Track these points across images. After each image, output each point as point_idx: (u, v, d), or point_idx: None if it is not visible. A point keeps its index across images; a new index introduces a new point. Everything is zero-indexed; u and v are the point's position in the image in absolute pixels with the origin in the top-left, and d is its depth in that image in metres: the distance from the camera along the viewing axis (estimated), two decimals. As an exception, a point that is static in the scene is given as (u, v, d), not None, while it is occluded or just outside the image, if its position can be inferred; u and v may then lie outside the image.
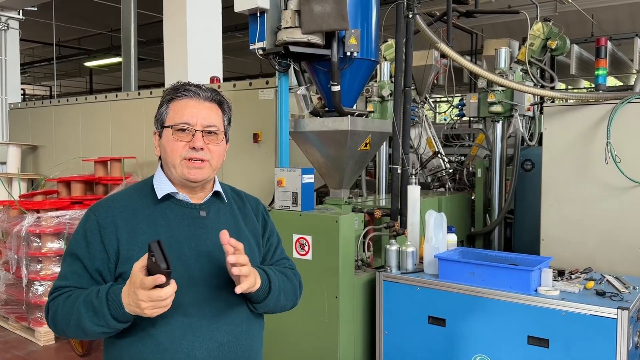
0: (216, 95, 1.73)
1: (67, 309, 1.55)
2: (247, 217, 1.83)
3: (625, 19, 10.66)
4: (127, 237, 1.61)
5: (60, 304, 1.57)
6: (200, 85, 1.72)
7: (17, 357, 4.77)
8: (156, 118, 1.71)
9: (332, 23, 3.27)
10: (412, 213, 3.63)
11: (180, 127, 1.64)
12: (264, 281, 1.66)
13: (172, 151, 1.66)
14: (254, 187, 4.45)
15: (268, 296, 1.69)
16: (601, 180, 3.60)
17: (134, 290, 1.42)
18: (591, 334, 2.71)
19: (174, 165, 1.66)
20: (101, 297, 1.50)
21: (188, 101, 1.68)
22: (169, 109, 1.68)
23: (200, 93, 1.69)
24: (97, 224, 1.62)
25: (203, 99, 1.69)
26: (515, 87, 3.91)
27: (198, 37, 6.11)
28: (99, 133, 6.40)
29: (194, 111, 1.66)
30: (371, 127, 3.66)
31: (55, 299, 1.60)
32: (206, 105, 1.69)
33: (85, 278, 1.61)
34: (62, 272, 1.64)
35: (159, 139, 1.71)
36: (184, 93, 1.68)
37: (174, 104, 1.68)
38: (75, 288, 1.59)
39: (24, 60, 15.14)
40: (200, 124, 1.65)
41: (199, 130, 1.65)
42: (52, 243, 5.01)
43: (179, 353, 1.58)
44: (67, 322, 1.55)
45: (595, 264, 3.49)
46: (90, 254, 1.61)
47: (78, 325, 1.52)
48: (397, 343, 3.35)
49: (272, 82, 4.52)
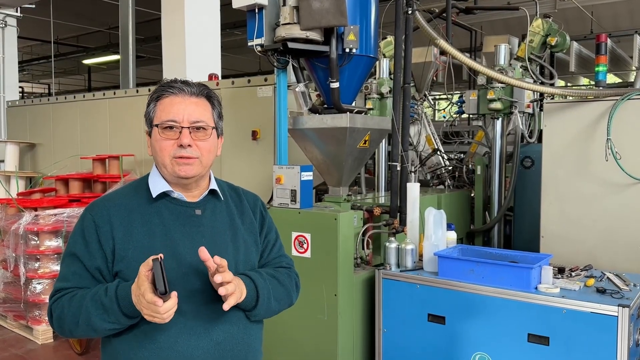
0: (204, 89, 1.70)
1: (74, 310, 1.55)
2: (244, 215, 1.81)
3: (624, 15, 10.65)
4: (122, 236, 1.60)
5: (66, 306, 1.57)
6: (187, 80, 1.69)
7: (15, 355, 4.75)
8: (145, 117, 1.69)
9: (330, 19, 3.25)
10: (412, 210, 3.62)
11: (166, 125, 1.62)
12: (251, 291, 1.64)
13: (160, 150, 1.64)
14: (253, 185, 4.43)
15: (257, 305, 1.67)
16: (601, 177, 3.58)
17: (138, 294, 1.45)
18: (592, 331, 2.69)
19: (163, 164, 1.65)
20: (110, 295, 1.51)
21: (174, 98, 1.65)
22: (156, 107, 1.66)
23: (186, 89, 1.66)
24: (94, 223, 1.62)
25: (189, 94, 1.66)
26: (515, 83, 3.90)
27: (196, 35, 6.09)
28: (97, 131, 6.38)
29: (180, 107, 1.63)
30: (370, 124, 3.64)
31: (58, 300, 1.60)
32: (193, 101, 1.66)
33: (86, 278, 1.60)
34: (62, 273, 1.64)
35: (150, 138, 1.69)
36: (169, 90, 1.66)
37: (160, 102, 1.66)
38: (77, 289, 1.59)
39: (22, 58, 15.13)
40: (187, 120, 1.63)
41: (186, 127, 1.62)
42: (50, 241, 4.99)
43: (174, 352, 1.57)
44: (75, 323, 1.55)
45: (595, 261, 3.48)
46: (90, 253, 1.60)
47: (88, 324, 1.53)
48: (397, 341, 3.34)
49: (270, 79, 4.51)
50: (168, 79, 1.71)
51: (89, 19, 12.83)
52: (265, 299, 1.68)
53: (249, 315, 1.70)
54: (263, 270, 1.77)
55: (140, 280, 1.43)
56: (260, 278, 1.70)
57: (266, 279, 1.72)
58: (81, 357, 4.68)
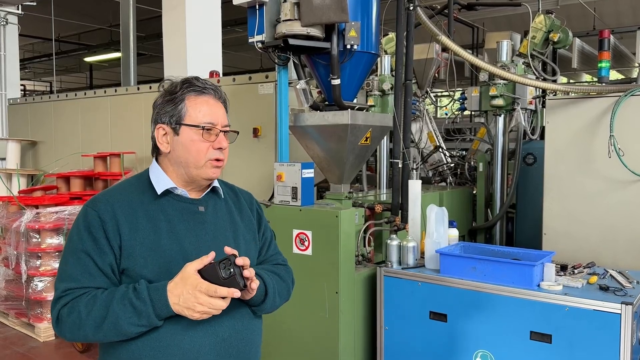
0: (223, 93, 1.73)
1: (97, 313, 1.48)
2: (242, 212, 1.82)
3: (627, 12, 10.61)
4: (128, 233, 1.57)
5: (83, 310, 1.49)
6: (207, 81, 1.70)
7: (17, 353, 4.76)
8: (168, 112, 1.64)
9: (331, 15, 3.23)
10: (413, 208, 3.60)
11: (208, 127, 1.63)
12: (261, 286, 1.66)
13: (198, 152, 1.63)
14: (254, 182, 4.43)
15: (265, 300, 1.70)
16: (604, 174, 3.56)
17: (194, 293, 1.45)
18: (595, 329, 2.68)
19: (197, 165, 1.64)
20: (144, 297, 1.48)
21: (209, 99, 1.66)
22: (187, 105, 1.63)
23: (216, 91, 1.68)
24: (99, 219, 1.56)
25: (218, 97, 1.69)
26: (518, 79, 3.87)
27: (197, 32, 6.09)
28: (99, 128, 6.38)
29: (214, 110, 1.65)
30: (372, 121, 3.63)
31: (71, 303, 1.51)
32: (220, 105, 1.69)
33: (99, 276, 1.54)
34: (68, 273, 1.55)
35: (175, 136, 1.64)
36: (204, 91, 1.65)
37: (192, 101, 1.64)
38: (90, 289, 1.52)
39: (24, 55, 15.14)
40: (221, 123, 1.66)
41: (221, 130, 1.65)
42: (52, 239, 4.99)
43: (180, 349, 1.56)
44: (97, 327, 1.48)
45: (598, 259, 3.45)
46: (100, 249, 1.54)
47: (115, 327, 1.48)
48: (398, 338, 3.33)
49: (271, 77, 4.50)
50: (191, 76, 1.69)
51: (90, 16, 12.84)
52: (271, 294, 1.72)
53: (256, 310, 1.71)
54: (265, 267, 1.80)
55: (193, 279, 1.46)
56: (266, 275, 1.73)
57: (270, 275, 1.75)
58: (83, 355, 4.68)
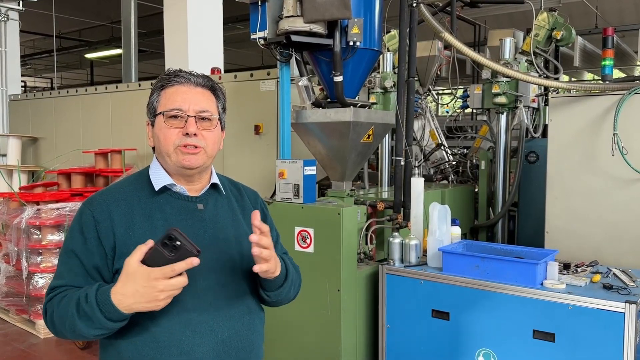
0: (208, 81, 1.68)
1: (61, 313, 1.49)
2: (246, 210, 1.77)
3: (630, 10, 10.57)
4: (123, 232, 1.55)
5: (55, 307, 1.51)
6: (191, 71, 1.67)
7: (17, 349, 4.75)
8: (148, 107, 1.67)
9: (334, 12, 3.22)
10: (416, 205, 3.59)
11: (172, 114, 1.59)
12: (282, 269, 1.67)
13: (165, 139, 1.60)
14: (256, 180, 4.41)
15: (284, 284, 1.71)
16: (607, 172, 3.55)
17: (150, 284, 1.37)
18: (598, 328, 2.67)
19: (167, 153, 1.61)
20: (91, 301, 1.43)
21: (179, 87, 1.63)
22: (160, 96, 1.63)
23: (191, 79, 1.64)
24: (93, 219, 1.56)
25: (195, 84, 1.64)
26: (521, 77, 3.85)
27: (199, 28, 6.06)
28: (100, 125, 6.37)
29: (186, 97, 1.61)
30: (374, 118, 3.61)
31: (51, 300, 1.54)
32: (198, 91, 1.64)
33: (81, 276, 1.54)
34: (58, 271, 1.58)
35: (152, 129, 1.66)
36: (174, 79, 1.63)
37: (165, 91, 1.63)
38: (71, 287, 1.53)
39: (25, 52, 15.12)
40: (193, 109, 1.60)
41: (192, 115, 1.60)
42: (52, 235, 4.99)
43: (178, 350, 1.53)
44: (63, 326, 1.50)
45: (601, 257, 3.44)
46: (88, 250, 1.55)
47: (74, 330, 1.47)
48: (400, 337, 3.32)
49: (273, 73, 4.48)
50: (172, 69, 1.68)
51: (91, 12, 12.81)
52: (289, 281, 1.73)
53: (271, 295, 1.70)
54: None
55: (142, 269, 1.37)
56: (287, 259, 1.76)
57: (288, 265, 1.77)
58: (84, 352, 4.68)
